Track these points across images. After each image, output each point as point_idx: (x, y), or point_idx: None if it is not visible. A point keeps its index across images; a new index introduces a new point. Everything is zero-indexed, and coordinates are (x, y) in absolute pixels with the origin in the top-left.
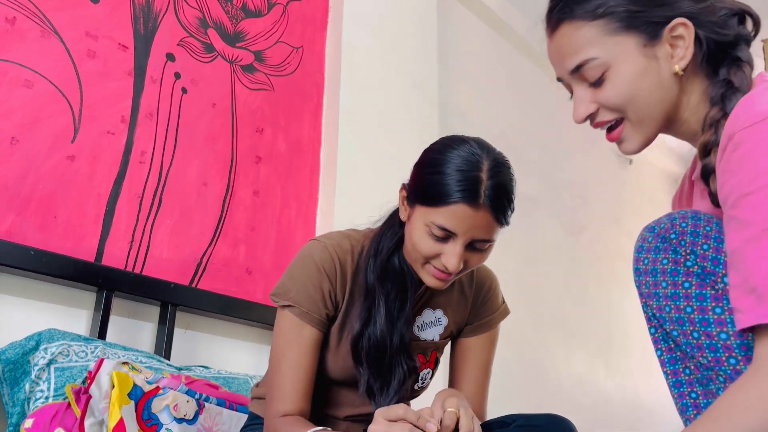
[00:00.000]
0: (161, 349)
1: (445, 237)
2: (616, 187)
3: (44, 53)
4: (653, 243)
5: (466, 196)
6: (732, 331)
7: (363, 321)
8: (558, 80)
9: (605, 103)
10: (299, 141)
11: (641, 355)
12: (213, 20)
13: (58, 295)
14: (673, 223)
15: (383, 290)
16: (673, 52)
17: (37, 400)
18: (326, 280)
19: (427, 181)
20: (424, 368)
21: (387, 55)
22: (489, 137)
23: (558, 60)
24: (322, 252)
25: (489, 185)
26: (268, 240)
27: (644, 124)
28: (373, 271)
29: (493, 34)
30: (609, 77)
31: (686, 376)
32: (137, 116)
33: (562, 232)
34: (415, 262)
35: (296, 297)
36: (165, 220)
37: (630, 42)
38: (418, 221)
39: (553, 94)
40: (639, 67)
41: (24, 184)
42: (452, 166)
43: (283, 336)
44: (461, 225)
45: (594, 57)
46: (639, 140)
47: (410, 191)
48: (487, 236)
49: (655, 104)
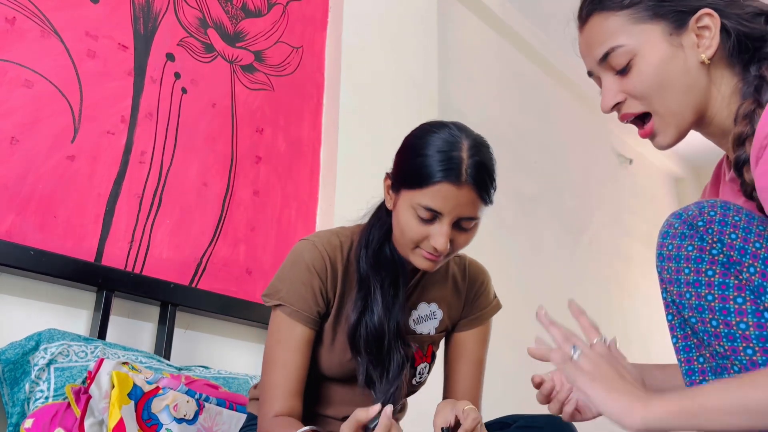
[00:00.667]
0: (161, 349)
1: (432, 218)
2: (616, 187)
3: (44, 53)
4: (679, 229)
5: (449, 175)
6: (752, 321)
7: (360, 310)
8: (588, 75)
9: (632, 91)
10: (299, 141)
11: (641, 355)
12: (213, 20)
13: (58, 295)
14: (702, 211)
15: (377, 279)
16: (699, 41)
17: (37, 400)
18: (317, 278)
19: (410, 165)
20: (421, 362)
21: (387, 55)
22: (489, 137)
23: (588, 51)
24: (311, 251)
25: (470, 164)
26: (268, 240)
27: (674, 115)
28: (365, 261)
29: (493, 34)
30: (635, 64)
31: (699, 365)
32: (137, 116)
33: (562, 232)
34: (405, 248)
35: (286, 296)
36: (165, 220)
37: (656, 30)
38: (404, 206)
39: (553, 94)
40: (665, 55)
41: (24, 184)
42: (433, 148)
43: (274, 336)
44: (446, 204)
45: (621, 44)
46: (672, 133)
47: (394, 178)
48: (472, 213)
49: (682, 93)
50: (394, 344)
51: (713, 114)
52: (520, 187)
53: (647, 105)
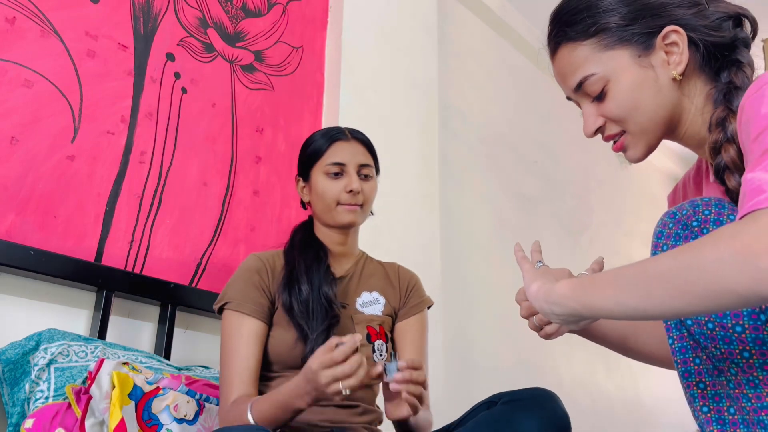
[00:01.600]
0: (161, 349)
1: (340, 171)
2: (616, 187)
3: (44, 53)
4: (674, 229)
5: (338, 136)
6: (748, 324)
7: (287, 280)
8: (567, 99)
9: (609, 115)
10: (299, 141)
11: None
12: (213, 20)
13: (58, 295)
14: (696, 210)
15: (302, 257)
16: (669, 58)
17: (37, 401)
18: (255, 274)
19: (309, 150)
20: (377, 339)
21: (387, 55)
22: (489, 137)
23: (562, 80)
24: (250, 258)
25: (349, 129)
26: (268, 240)
27: (646, 133)
28: (292, 249)
29: (493, 34)
30: (609, 90)
31: (696, 366)
32: (137, 116)
33: (562, 232)
34: (329, 211)
35: (231, 295)
36: (165, 220)
37: (624, 54)
38: (317, 179)
39: (553, 94)
40: (637, 78)
41: (24, 184)
42: (319, 133)
43: (225, 333)
44: (345, 154)
45: (592, 73)
46: (642, 148)
47: (301, 170)
48: (367, 160)
49: (655, 111)
50: (319, 303)
51: (687, 125)
52: (520, 187)
53: (623, 125)
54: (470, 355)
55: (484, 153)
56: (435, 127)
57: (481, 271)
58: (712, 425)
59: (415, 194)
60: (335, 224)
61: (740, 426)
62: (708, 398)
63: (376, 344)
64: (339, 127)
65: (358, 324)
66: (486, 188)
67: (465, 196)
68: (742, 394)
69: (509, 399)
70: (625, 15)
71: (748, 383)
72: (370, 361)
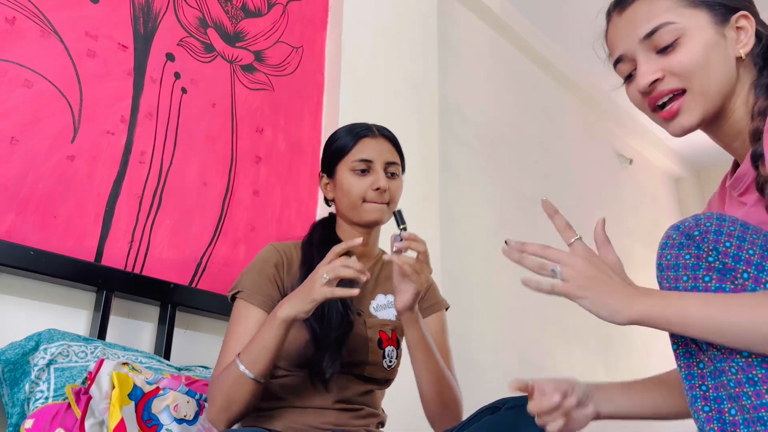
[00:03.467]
0: (161, 350)
1: (367, 168)
2: (616, 187)
3: (44, 53)
4: (677, 240)
5: (365, 133)
6: None
7: (303, 277)
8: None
9: (675, 68)
10: (299, 141)
11: (641, 354)
12: (213, 20)
13: (58, 295)
14: (698, 222)
15: (319, 256)
16: (738, 37)
17: (37, 401)
18: (271, 266)
19: (335, 147)
20: (388, 345)
21: (387, 55)
22: (489, 137)
23: (629, 30)
24: (268, 249)
25: (376, 126)
26: (268, 240)
27: (707, 96)
28: (310, 244)
29: (493, 34)
30: (682, 43)
31: (699, 370)
32: (137, 116)
33: None
34: (355, 208)
35: (243, 284)
36: (165, 220)
37: (704, 17)
38: (342, 175)
39: (553, 94)
40: (711, 39)
41: (24, 184)
42: (344, 129)
43: (233, 319)
44: (372, 151)
45: (672, 21)
46: (698, 113)
47: (325, 167)
48: (394, 158)
49: (720, 77)
50: (334, 307)
51: (734, 110)
52: (520, 187)
53: (686, 82)
54: (471, 356)
55: (484, 153)
56: (435, 127)
57: (481, 271)
58: (713, 423)
59: (415, 194)
60: (360, 221)
61: (740, 426)
62: (710, 399)
63: (386, 350)
64: (366, 123)
65: (370, 328)
66: (486, 188)
67: (465, 196)
68: (743, 393)
69: (513, 405)
70: None
71: (747, 381)
72: (379, 366)
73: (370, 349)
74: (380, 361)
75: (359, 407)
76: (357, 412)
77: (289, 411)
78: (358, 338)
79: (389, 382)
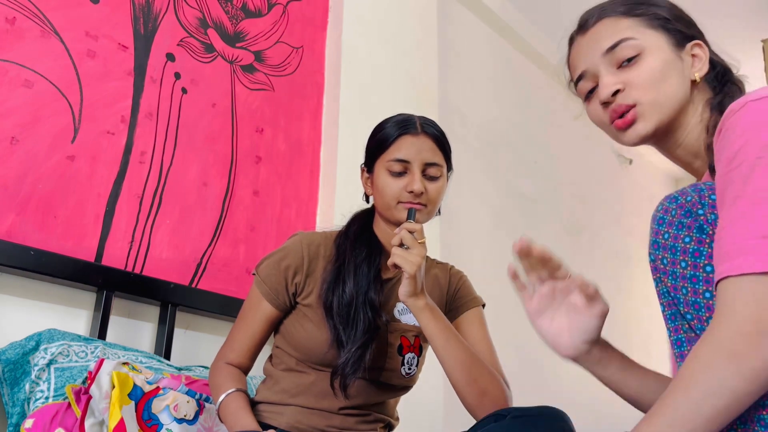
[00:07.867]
0: (161, 349)
1: (404, 170)
2: (616, 187)
3: (44, 53)
4: (676, 217)
5: (407, 130)
6: None
7: (333, 277)
8: (576, 82)
9: (635, 80)
10: (299, 141)
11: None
12: (213, 20)
13: (58, 295)
14: (701, 194)
15: (353, 254)
16: (693, 63)
17: (37, 401)
18: (291, 270)
19: (376, 139)
20: (409, 351)
21: (387, 55)
22: (489, 137)
23: (592, 46)
24: (293, 242)
25: (422, 121)
26: (268, 240)
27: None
28: (345, 239)
29: (493, 34)
30: (643, 58)
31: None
32: (137, 116)
33: (562, 232)
34: (389, 208)
35: (262, 270)
36: (165, 220)
37: (663, 38)
38: (379, 173)
39: (553, 95)
40: (670, 59)
41: (24, 184)
42: (391, 121)
43: (248, 300)
44: (411, 151)
45: (633, 37)
46: (653, 122)
47: (367, 160)
48: (435, 159)
49: (675, 94)
50: (362, 309)
51: (688, 130)
52: (520, 187)
53: (643, 95)
54: None
55: (484, 153)
56: None
57: (481, 271)
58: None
59: None
60: (396, 222)
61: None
62: None
63: (406, 357)
64: (412, 117)
65: (392, 333)
66: (486, 188)
67: (465, 196)
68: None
69: (519, 414)
70: (669, 12)
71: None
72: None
73: (389, 354)
74: (398, 368)
75: (367, 412)
76: (364, 417)
77: (297, 410)
78: (379, 342)
79: (407, 389)
